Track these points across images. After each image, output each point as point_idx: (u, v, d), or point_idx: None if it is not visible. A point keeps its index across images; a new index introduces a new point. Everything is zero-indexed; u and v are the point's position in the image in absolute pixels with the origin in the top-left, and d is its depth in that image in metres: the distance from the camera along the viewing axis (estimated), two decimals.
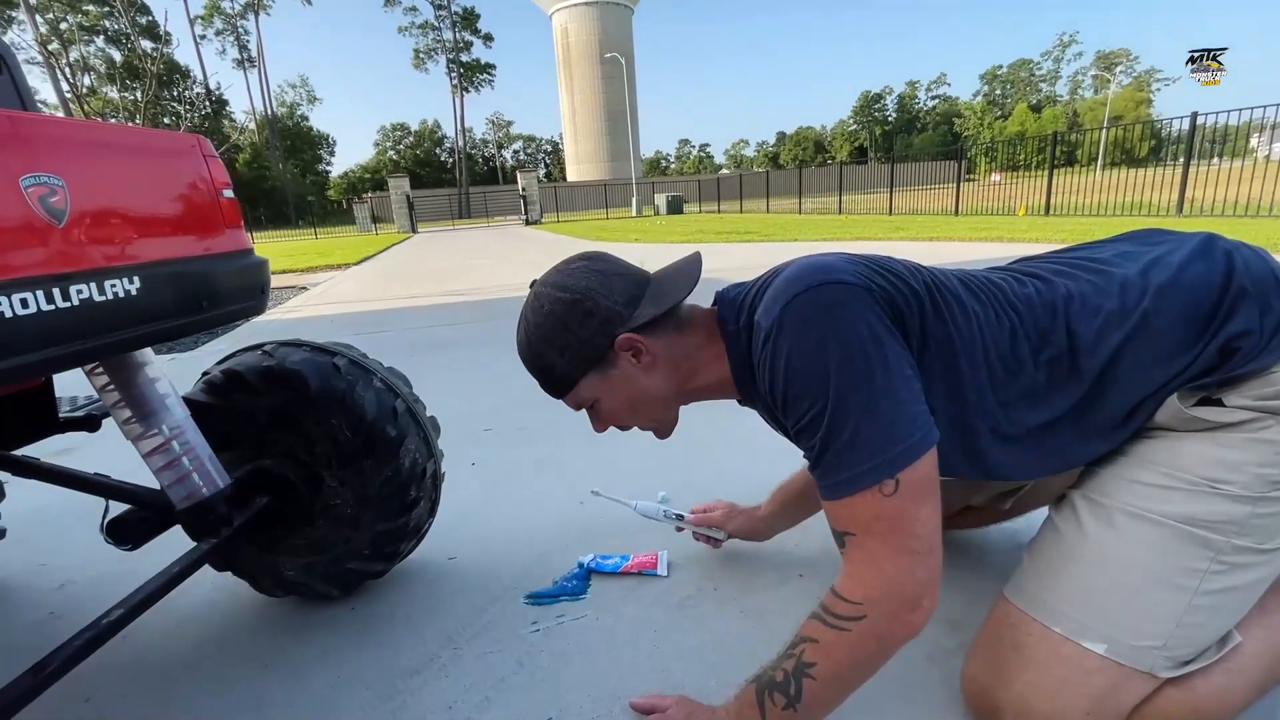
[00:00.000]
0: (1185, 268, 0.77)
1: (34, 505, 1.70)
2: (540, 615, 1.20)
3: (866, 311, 0.72)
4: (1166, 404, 0.75)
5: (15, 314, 0.60)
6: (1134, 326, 0.74)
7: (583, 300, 0.84)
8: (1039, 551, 0.83)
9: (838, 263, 0.77)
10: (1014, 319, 0.78)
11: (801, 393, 0.72)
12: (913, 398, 0.71)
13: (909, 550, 0.69)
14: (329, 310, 5.92)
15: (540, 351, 0.87)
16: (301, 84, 63.14)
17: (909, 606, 0.69)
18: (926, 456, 0.70)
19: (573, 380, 0.88)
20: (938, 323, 0.77)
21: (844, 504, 0.71)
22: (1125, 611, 0.73)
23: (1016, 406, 0.78)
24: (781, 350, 0.73)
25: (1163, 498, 0.74)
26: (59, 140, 0.68)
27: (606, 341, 0.84)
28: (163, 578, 0.91)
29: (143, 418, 0.93)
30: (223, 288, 0.88)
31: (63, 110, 33.68)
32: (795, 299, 0.73)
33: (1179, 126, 9.62)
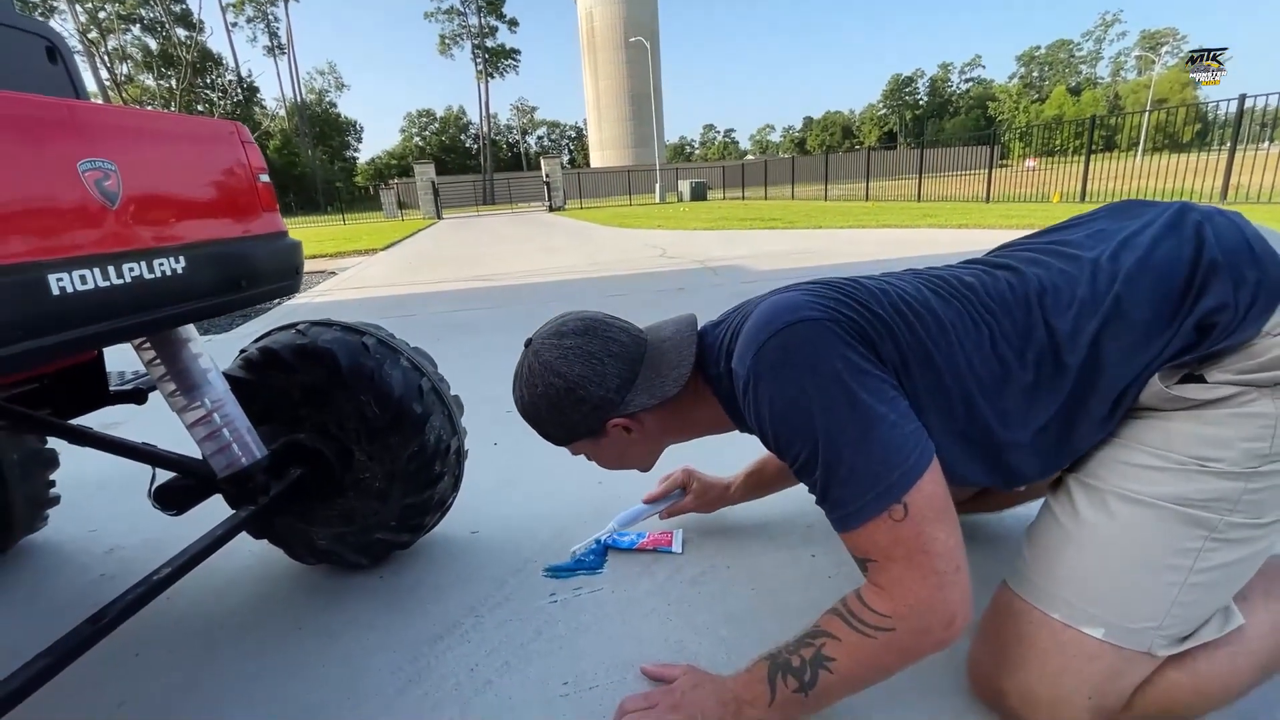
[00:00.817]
0: (1155, 246, 0.75)
1: (85, 474, 1.80)
2: (559, 588, 1.25)
3: (837, 344, 0.73)
4: (1149, 384, 0.74)
5: (76, 289, 0.65)
6: (1107, 312, 0.73)
7: (575, 390, 0.88)
8: (1036, 538, 0.83)
9: (800, 299, 0.78)
10: (991, 322, 0.78)
11: (791, 437, 0.74)
12: (901, 418, 0.72)
13: (934, 572, 0.70)
14: (357, 295, 6.05)
15: (536, 419, 0.95)
16: (330, 70, 63.85)
17: (942, 624, 0.70)
18: (928, 475, 0.71)
19: (565, 443, 0.98)
20: (914, 343, 0.76)
21: (857, 534, 0.73)
22: (1121, 595, 0.73)
23: (1013, 411, 0.77)
24: (763, 399, 0.75)
25: (1154, 479, 0.74)
26: (111, 127, 0.72)
27: (599, 424, 0.90)
28: (207, 539, 0.97)
29: (186, 391, 0.98)
30: (260, 268, 0.93)
31: (102, 98, 34.60)
32: (765, 345, 0.75)
33: (1226, 110, 9.25)
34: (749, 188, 26.64)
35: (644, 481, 1.57)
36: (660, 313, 1.01)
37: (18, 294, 0.60)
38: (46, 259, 0.63)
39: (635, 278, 5.66)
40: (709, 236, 9.20)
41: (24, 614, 1.31)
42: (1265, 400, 0.70)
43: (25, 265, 0.61)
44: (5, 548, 1.48)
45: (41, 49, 0.85)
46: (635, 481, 1.59)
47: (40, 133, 0.64)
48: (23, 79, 0.84)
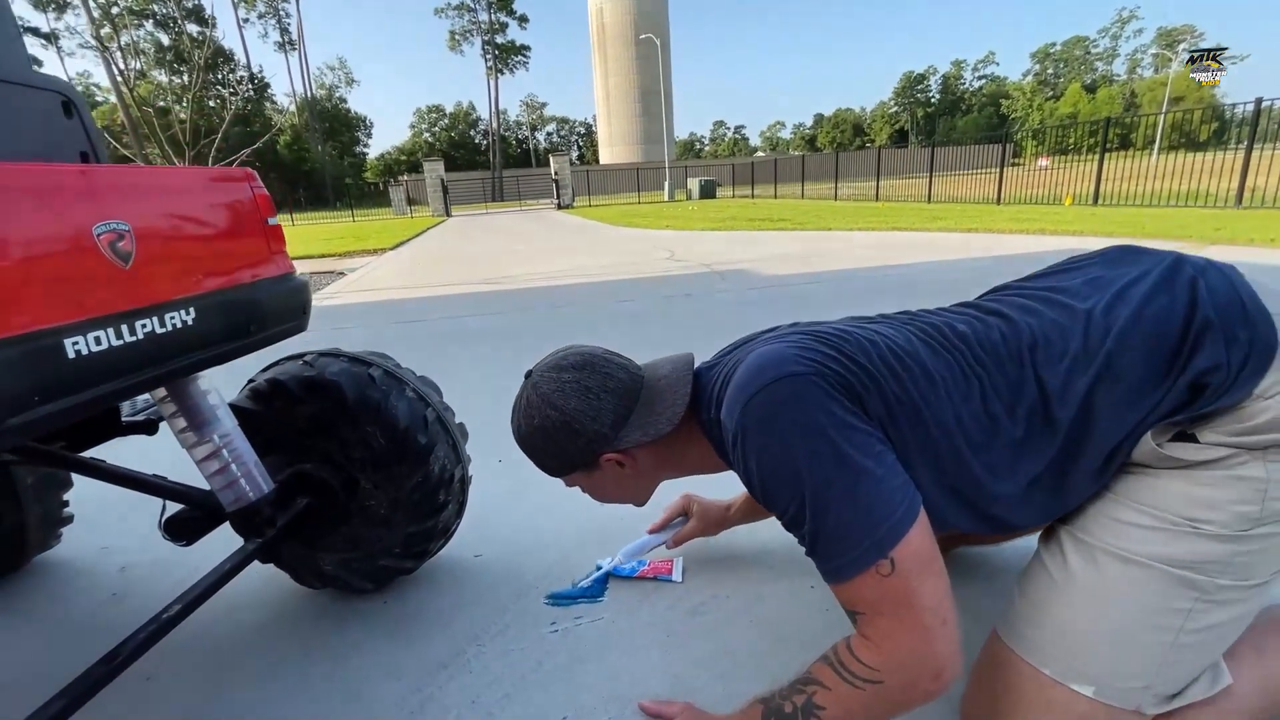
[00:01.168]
0: (1147, 302, 0.75)
1: (98, 491, 1.83)
2: (559, 616, 1.27)
3: (824, 399, 0.74)
4: (1141, 442, 0.75)
5: (91, 351, 0.67)
6: (1099, 369, 0.73)
7: (570, 424, 0.90)
8: (1027, 589, 0.84)
9: (787, 352, 0.79)
10: (981, 375, 0.78)
11: (778, 491, 0.75)
12: (888, 472, 0.73)
13: (921, 626, 0.70)
14: (366, 298, 6.10)
15: (532, 450, 0.97)
16: (340, 66, 64.11)
17: (930, 677, 0.71)
18: (915, 529, 0.72)
19: (560, 475, 0.99)
20: (901, 396, 0.77)
21: (846, 587, 0.74)
22: (1111, 653, 0.74)
23: (1001, 464, 0.77)
24: (750, 453, 0.76)
25: (1144, 538, 0.74)
26: (125, 188, 0.74)
27: (592, 458, 0.92)
28: (215, 574, 0.99)
29: (196, 428, 1.01)
30: (269, 311, 0.95)
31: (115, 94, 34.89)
32: (752, 400, 0.76)
33: (1243, 110, 9.12)
34: (759, 185, 26.54)
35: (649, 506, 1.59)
36: (667, 320, 1.03)
37: (35, 361, 0.62)
38: (62, 324, 0.65)
39: (643, 282, 5.67)
40: (717, 238, 9.19)
41: (37, 632, 1.34)
42: (1257, 463, 0.70)
43: (42, 333, 0.63)
44: (19, 565, 1.52)
45: (58, 104, 0.88)
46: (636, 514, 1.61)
47: (57, 201, 0.66)
48: (42, 135, 0.86)
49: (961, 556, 1.35)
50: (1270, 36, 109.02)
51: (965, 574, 1.29)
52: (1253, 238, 5.69)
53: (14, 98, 0.81)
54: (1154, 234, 6.47)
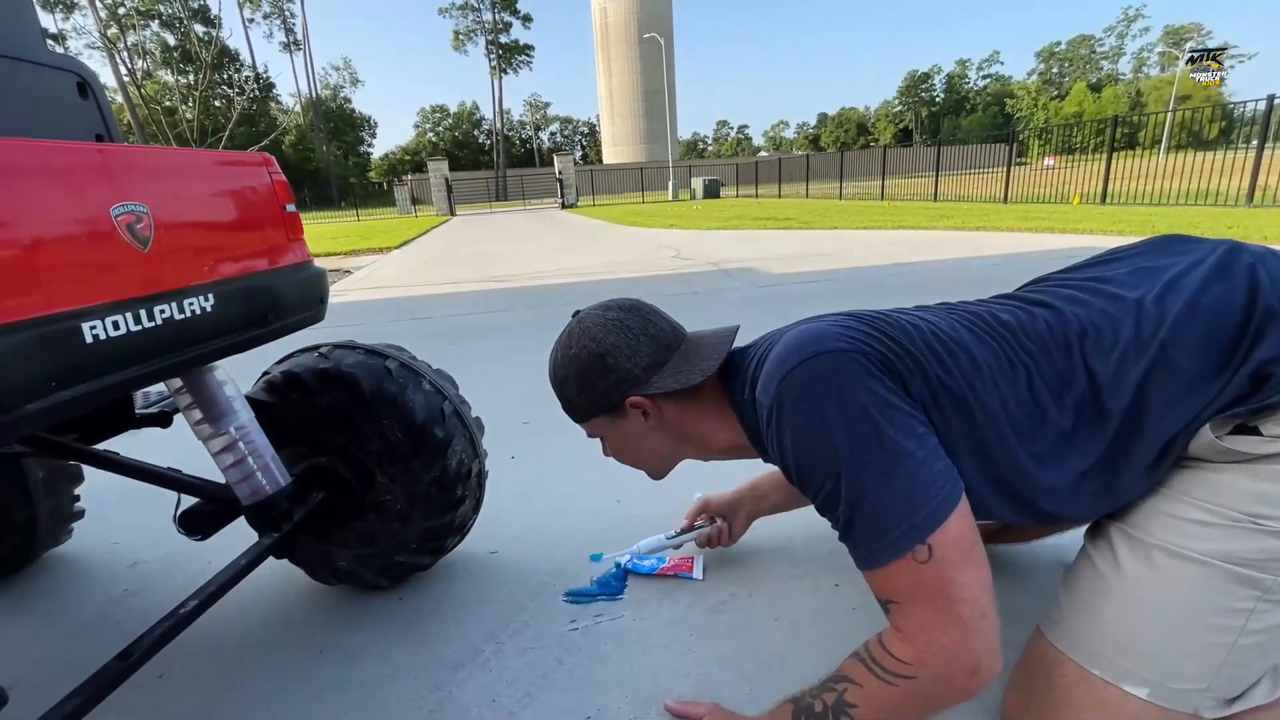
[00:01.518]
0: (1204, 290, 0.72)
1: (109, 485, 1.82)
2: (578, 614, 1.24)
3: (865, 377, 0.71)
4: (1199, 434, 0.71)
5: (108, 335, 0.65)
6: (1153, 359, 0.70)
7: (605, 356, 0.89)
8: (1075, 587, 0.81)
9: (828, 330, 0.77)
10: (1029, 364, 0.75)
11: (813, 470, 0.73)
12: (930, 456, 0.70)
13: (958, 618, 0.67)
14: (372, 295, 6.09)
15: (563, 383, 0.95)
16: (345, 66, 64.16)
17: (966, 674, 0.68)
18: (955, 515, 0.68)
19: (584, 417, 0.96)
20: (946, 381, 0.74)
21: (879, 574, 0.72)
22: (1167, 654, 0.71)
23: (1049, 455, 0.75)
24: (786, 429, 0.73)
25: (1203, 535, 0.71)
26: (144, 169, 0.72)
27: (619, 398, 0.90)
28: (231, 570, 0.97)
29: (212, 420, 0.99)
30: (287, 300, 0.93)
31: (121, 94, 35.03)
32: (789, 375, 0.73)
33: (1253, 108, 9.05)
34: (763, 185, 26.48)
35: (663, 501, 1.56)
36: (675, 318, 1.01)
37: (52, 345, 0.60)
38: (80, 307, 0.63)
39: (650, 280, 5.64)
40: (723, 236, 9.16)
41: (48, 629, 1.32)
42: None
43: (59, 315, 0.60)
44: (30, 561, 1.50)
45: (73, 84, 0.85)
46: (654, 500, 1.59)
47: (74, 179, 0.64)
48: (56, 115, 0.84)
49: (994, 554, 1.31)
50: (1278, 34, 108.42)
51: (999, 572, 1.25)
52: (1266, 235, 5.64)
53: (29, 76, 0.78)
54: (1165, 232, 6.40)
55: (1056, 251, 5.69)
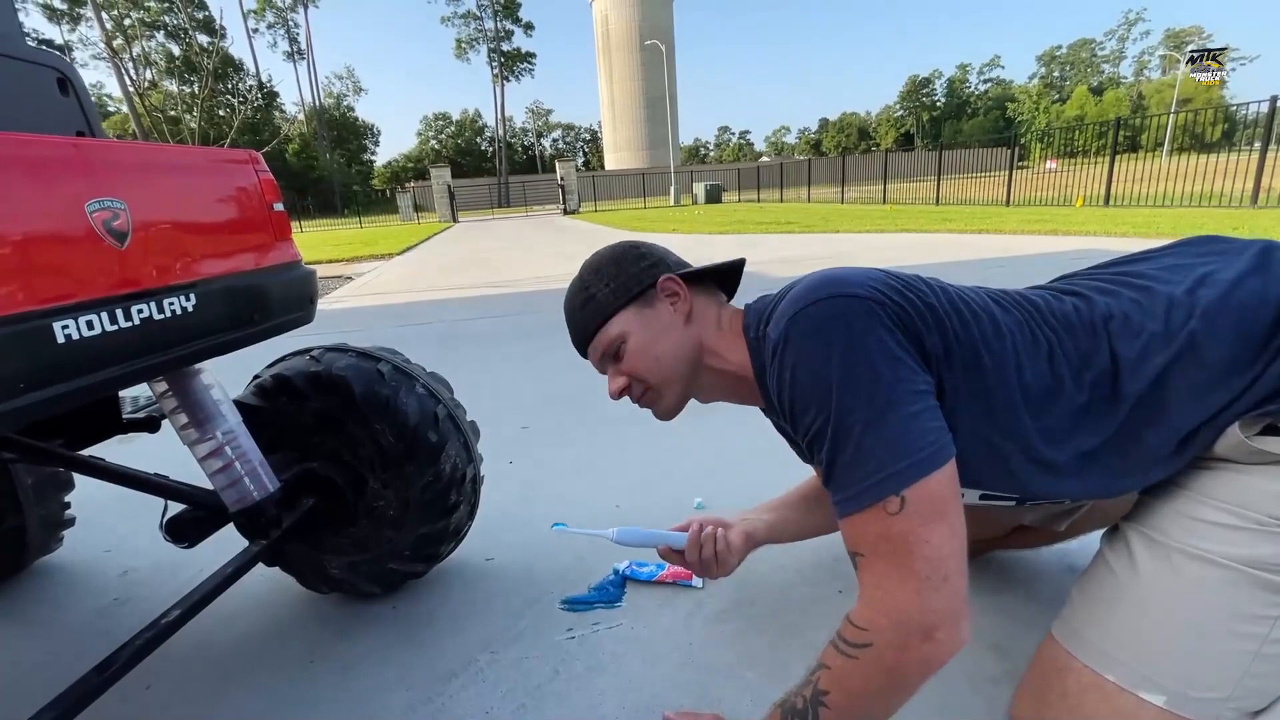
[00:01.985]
0: (1238, 284, 0.71)
1: (100, 492, 1.80)
2: (576, 622, 1.21)
3: (875, 325, 0.70)
4: (1227, 433, 0.69)
5: (83, 335, 0.63)
6: (1179, 349, 0.69)
7: (638, 246, 0.93)
8: (1090, 589, 0.78)
9: (851, 275, 0.75)
10: (1052, 338, 0.75)
11: (805, 405, 0.71)
12: (923, 413, 0.68)
13: (916, 575, 0.65)
14: (373, 301, 6.08)
15: (588, 282, 0.91)
16: (348, 75, 64.58)
17: (920, 635, 0.65)
18: (939, 474, 0.66)
19: (610, 311, 0.89)
20: (965, 339, 0.73)
21: (851, 522, 0.70)
22: (1186, 661, 0.68)
23: (1058, 429, 0.73)
24: (788, 363, 0.72)
25: (1227, 538, 0.68)
26: (121, 164, 0.70)
27: (651, 279, 0.89)
28: (217, 578, 0.94)
29: (198, 424, 0.96)
30: (273, 300, 0.91)
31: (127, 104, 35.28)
32: (802, 311, 0.72)
33: (1256, 110, 9.02)
34: (764, 190, 26.50)
35: (662, 504, 1.54)
36: None
37: (21, 345, 0.57)
38: (51, 306, 0.60)
39: None
40: (725, 241, 9.15)
41: (37, 638, 1.30)
42: None
43: (29, 314, 0.58)
44: (19, 569, 1.48)
45: (53, 80, 0.83)
46: (653, 503, 1.56)
47: (47, 174, 0.62)
48: (35, 111, 0.82)
49: (1002, 560, 1.28)
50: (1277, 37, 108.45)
51: (1005, 578, 1.23)
52: (1273, 237, 5.60)
53: (7, 71, 0.77)
54: (1170, 233, 6.38)
55: (1063, 253, 5.66)
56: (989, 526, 1.22)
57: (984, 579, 1.23)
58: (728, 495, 1.63)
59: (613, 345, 0.90)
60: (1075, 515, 1.14)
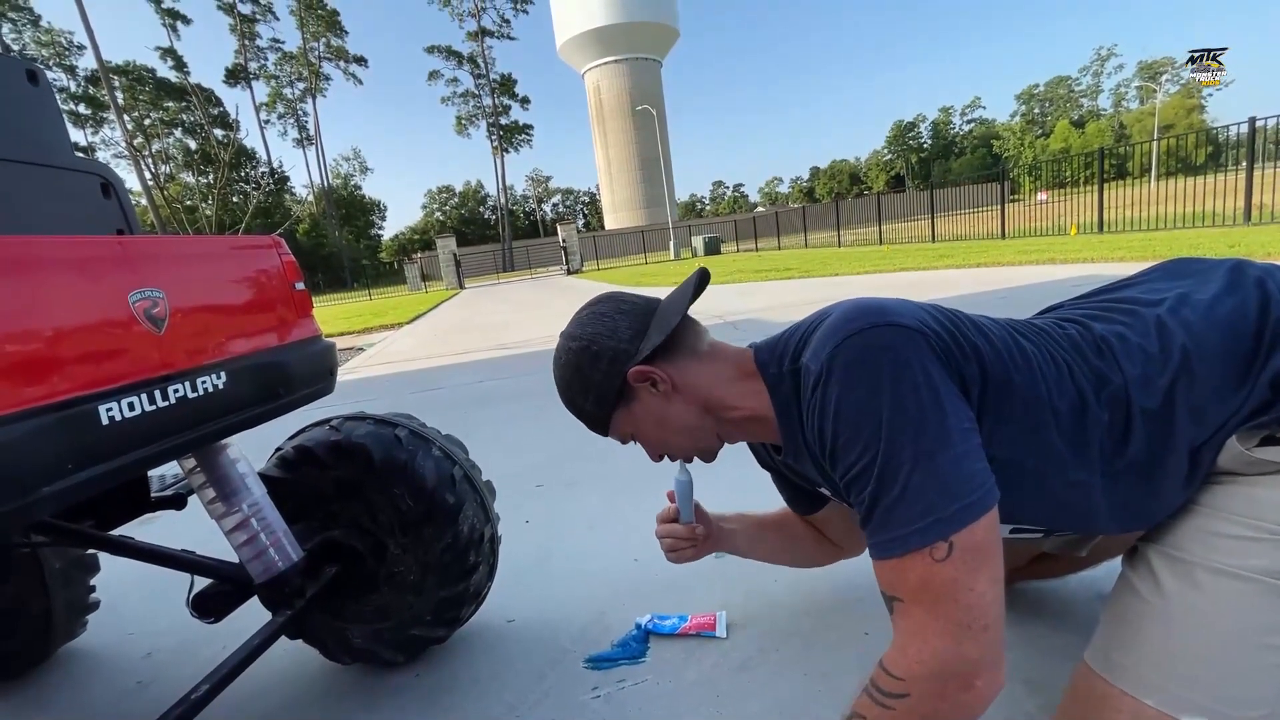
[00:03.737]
0: (1216, 304, 0.73)
1: (124, 574, 1.81)
2: (600, 680, 1.20)
3: (922, 357, 0.68)
4: (1227, 447, 0.70)
5: (124, 416, 0.67)
6: (1176, 368, 0.71)
7: (589, 346, 0.86)
8: (1117, 614, 0.78)
9: (891, 304, 0.74)
10: (1067, 359, 0.75)
11: (851, 441, 0.68)
12: (971, 453, 0.67)
13: (958, 624, 0.64)
14: (385, 370, 6.17)
15: (570, 398, 0.91)
16: (354, 156, 67.41)
17: (959, 686, 0.65)
18: (985, 519, 0.66)
19: (604, 418, 0.89)
20: (996, 363, 0.72)
21: (892, 566, 0.68)
22: (1223, 679, 0.67)
23: (1085, 449, 0.73)
24: (831, 396, 0.69)
25: (1247, 551, 0.69)
26: (158, 256, 0.76)
27: (619, 378, 0.85)
28: (243, 652, 0.95)
29: (225, 498, 0.99)
30: (297, 374, 0.95)
31: (145, 197, 36.92)
32: (846, 341, 0.69)
33: (1237, 131, 9.24)
34: (761, 239, 27.03)
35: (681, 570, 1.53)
36: None
37: (70, 428, 0.61)
38: (97, 390, 0.65)
39: None
40: (726, 290, 9.29)
41: None
42: None
43: (78, 399, 0.62)
44: (45, 657, 1.48)
45: (97, 185, 0.92)
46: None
47: (94, 270, 0.67)
48: (82, 213, 0.90)
49: (1028, 590, 1.27)
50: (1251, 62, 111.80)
51: (1032, 610, 1.21)
52: (1269, 252, 5.64)
53: (57, 180, 0.84)
54: (1167, 255, 6.41)
55: (1065, 280, 5.71)
56: (1011, 557, 1.21)
57: (1010, 611, 1.20)
58: None
59: (626, 438, 0.93)
60: (1095, 539, 1.13)
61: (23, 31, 39.55)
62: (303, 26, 50.07)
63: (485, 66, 55.37)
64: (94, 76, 40.55)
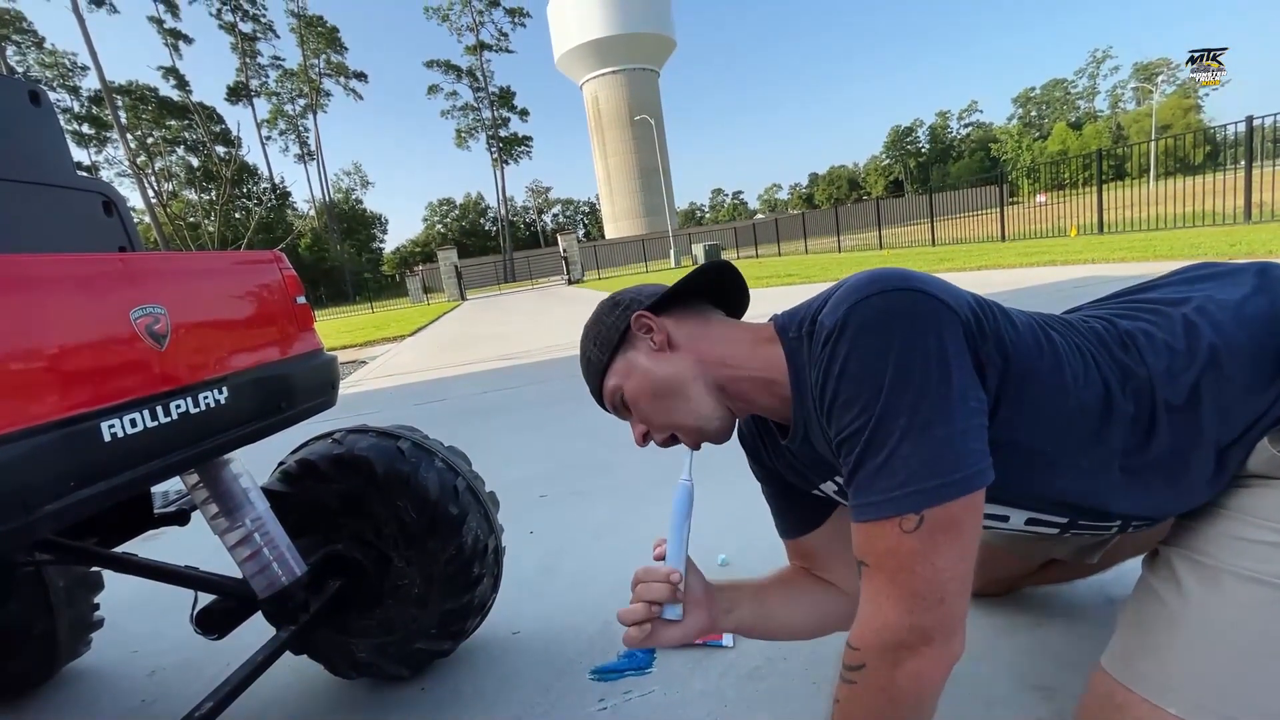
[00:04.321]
0: (1245, 303, 0.73)
1: (128, 592, 1.81)
2: (607, 691, 1.19)
3: (939, 328, 0.66)
4: (1258, 449, 0.70)
5: (126, 433, 0.67)
6: (1203, 364, 0.70)
7: (614, 297, 0.91)
8: (1138, 618, 0.76)
9: (917, 273, 0.72)
10: (1094, 350, 0.74)
11: (851, 400, 0.67)
12: (969, 432, 0.65)
13: (913, 594, 0.64)
14: (388, 383, 6.18)
15: (585, 348, 0.92)
16: (355, 170, 67.83)
17: (909, 653, 0.65)
18: (966, 499, 0.64)
19: (603, 367, 0.88)
20: (1019, 347, 0.71)
21: (864, 529, 0.68)
22: (1250, 687, 0.66)
23: (1109, 440, 0.72)
24: (840, 353, 0.67)
25: (1273, 556, 0.67)
26: (160, 273, 0.77)
27: (625, 323, 0.86)
28: (248, 667, 0.95)
29: (228, 513, 0.99)
30: (299, 388, 0.96)
31: (149, 215, 37.20)
32: (865, 301, 0.68)
33: (1234, 130, 9.25)
34: (762, 245, 27.09)
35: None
36: None
37: (72, 445, 0.61)
38: (99, 407, 0.65)
39: None
40: None
41: None
42: None
43: (80, 417, 0.63)
44: (49, 676, 1.47)
45: (99, 203, 0.92)
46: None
47: (96, 288, 0.68)
48: (84, 231, 0.90)
49: (1035, 596, 1.26)
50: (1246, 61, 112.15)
51: (1041, 615, 1.20)
52: (1271, 249, 5.63)
53: (60, 199, 0.85)
54: (1167, 255, 6.43)
55: (1067, 281, 5.70)
56: (1021, 562, 1.20)
57: (1020, 616, 1.21)
58: (752, 552, 1.62)
59: (615, 396, 0.88)
60: (1106, 546, 1.12)
61: (27, 54, 40.04)
62: (303, 44, 50.61)
63: (484, 80, 55.83)
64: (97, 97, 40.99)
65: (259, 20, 48.51)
